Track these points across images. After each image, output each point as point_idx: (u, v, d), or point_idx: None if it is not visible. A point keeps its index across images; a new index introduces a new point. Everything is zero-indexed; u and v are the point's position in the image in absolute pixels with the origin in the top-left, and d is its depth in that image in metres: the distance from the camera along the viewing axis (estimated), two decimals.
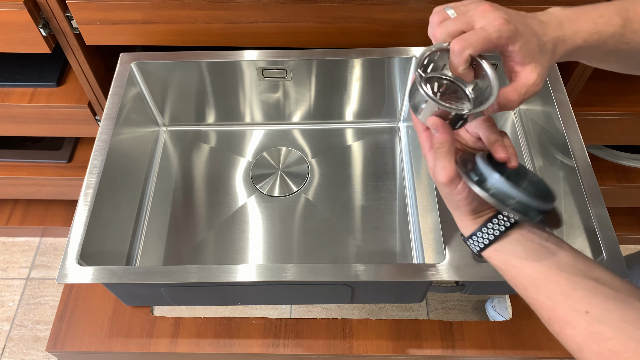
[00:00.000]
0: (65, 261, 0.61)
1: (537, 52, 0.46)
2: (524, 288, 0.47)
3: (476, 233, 0.49)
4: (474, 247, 0.49)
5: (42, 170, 1.20)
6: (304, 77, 0.82)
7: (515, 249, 0.48)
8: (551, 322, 0.46)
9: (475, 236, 0.49)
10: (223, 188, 0.86)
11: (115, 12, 0.76)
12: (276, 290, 0.69)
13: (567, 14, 0.48)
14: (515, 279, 0.48)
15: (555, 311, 0.45)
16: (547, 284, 0.45)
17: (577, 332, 0.43)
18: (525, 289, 0.47)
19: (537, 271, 0.46)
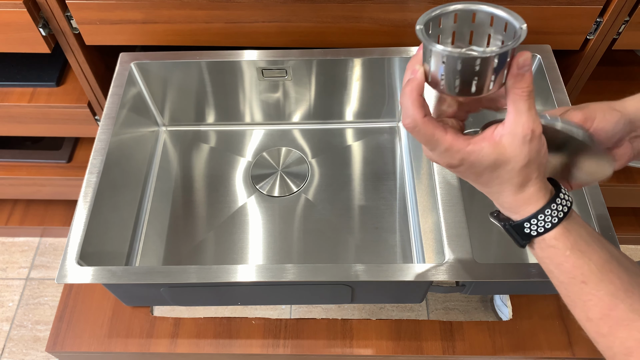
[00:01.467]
0: (65, 261, 0.61)
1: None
2: (584, 280, 0.41)
3: (549, 206, 0.41)
4: (539, 228, 0.42)
5: (42, 170, 1.20)
6: (304, 77, 0.82)
7: (582, 233, 0.42)
8: (601, 322, 0.40)
9: (549, 210, 0.41)
10: (223, 188, 0.86)
11: (115, 12, 0.76)
12: (276, 290, 0.69)
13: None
14: (577, 269, 0.41)
15: (614, 310, 0.39)
16: (611, 277, 0.40)
17: (631, 335, 0.39)
18: (584, 282, 0.41)
19: (602, 261, 0.41)
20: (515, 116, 0.40)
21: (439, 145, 0.41)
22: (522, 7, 0.74)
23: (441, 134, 0.41)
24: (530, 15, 0.75)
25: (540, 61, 0.77)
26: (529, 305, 0.76)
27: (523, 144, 0.40)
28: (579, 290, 0.41)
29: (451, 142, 0.41)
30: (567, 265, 0.41)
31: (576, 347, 0.72)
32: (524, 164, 0.40)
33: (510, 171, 0.41)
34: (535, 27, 0.77)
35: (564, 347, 0.72)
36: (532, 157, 0.40)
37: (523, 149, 0.40)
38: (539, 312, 0.75)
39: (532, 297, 0.76)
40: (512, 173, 0.41)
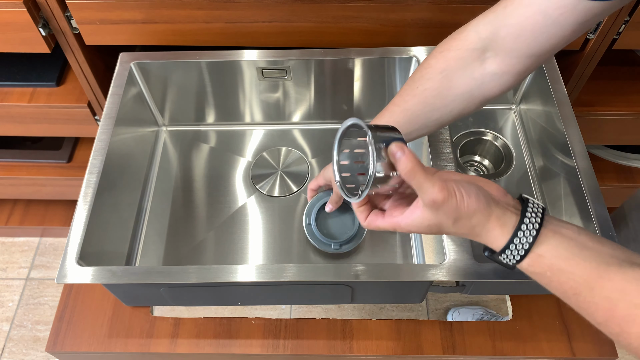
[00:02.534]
0: (65, 261, 0.61)
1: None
2: (575, 293, 0.42)
3: (513, 240, 0.44)
4: (511, 259, 0.45)
5: (42, 170, 1.20)
6: (304, 77, 0.82)
7: (558, 251, 0.43)
8: (609, 324, 0.41)
9: (513, 244, 0.44)
10: (223, 188, 0.86)
11: (115, 12, 0.76)
12: (276, 290, 0.69)
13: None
14: (564, 285, 0.43)
15: (614, 311, 0.40)
16: (601, 282, 0.41)
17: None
18: (576, 294, 0.42)
19: (587, 271, 0.42)
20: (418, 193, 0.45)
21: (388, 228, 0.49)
22: None
23: (382, 222, 0.49)
24: None
25: None
26: (529, 305, 0.76)
27: (436, 213, 0.45)
28: (576, 302, 0.43)
29: (393, 223, 0.48)
30: (554, 284, 0.43)
31: (576, 347, 0.72)
32: (452, 222, 0.45)
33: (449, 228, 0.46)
34: None
35: (564, 347, 0.72)
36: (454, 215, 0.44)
37: (439, 215, 0.45)
38: (539, 312, 0.75)
39: (532, 297, 0.76)
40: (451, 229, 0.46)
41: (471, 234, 0.46)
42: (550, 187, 0.78)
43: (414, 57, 0.79)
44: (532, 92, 0.85)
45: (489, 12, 0.55)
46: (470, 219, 0.45)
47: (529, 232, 0.44)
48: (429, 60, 0.59)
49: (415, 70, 0.60)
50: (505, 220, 0.45)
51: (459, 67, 0.56)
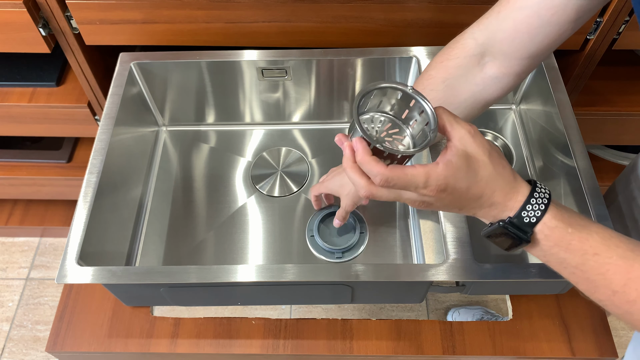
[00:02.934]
0: (65, 261, 0.61)
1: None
2: (595, 252, 0.42)
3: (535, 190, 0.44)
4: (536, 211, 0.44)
5: (42, 170, 1.20)
6: (304, 77, 0.82)
7: (570, 210, 0.44)
8: (627, 288, 0.41)
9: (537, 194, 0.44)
10: (223, 188, 0.86)
11: (115, 12, 0.76)
12: (276, 290, 0.69)
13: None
14: (585, 242, 0.43)
15: (632, 271, 0.41)
16: (616, 242, 0.42)
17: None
18: (596, 253, 0.42)
19: (601, 230, 0.43)
20: (449, 125, 0.45)
21: (418, 179, 0.43)
22: None
23: (412, 169, 0.43)
24: None
25: None
26: (529, 305, 0.76)
27: (473, 138, 0.44)
28: (594, 264, 0.42)
29: (426, 171, 0.43)
30: (575, 242, 0.43)
31: (576, 347, 0.72)
32: (488, 153, 0.44)
33: (484, 166, 0.44)
34: None
35: (564, 347, 0.72)
36: (487, 146, 0.44)
37: (476, 142, 0.44)
38: (539, 312, 0.75)
39: (532, 297, 0.76)
40: (487, 167, 0.44)
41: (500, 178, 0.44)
42: (550, 187, 0.78)
43: (414, 57, 0.79)
44: (532, 92, 0.85)
45: (484, 18, 0.56)
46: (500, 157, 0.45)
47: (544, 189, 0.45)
48: (429, 71, 0.59)
49: (416, 82, 0.60)
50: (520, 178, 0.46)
51: (460, 74, 0.57)
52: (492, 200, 0.45)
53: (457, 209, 0.47)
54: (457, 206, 0.46)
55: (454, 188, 0.44)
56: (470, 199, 0.45)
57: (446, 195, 0.44)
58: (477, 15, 0.57)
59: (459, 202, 0.45)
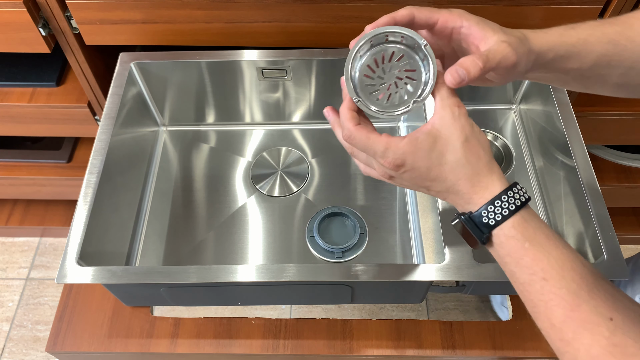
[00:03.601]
0: (65, 261, 0.61)
1: (500, 29, 0.44)
2: (544, 277, 0.39)
3: (507, 192, 0.41)
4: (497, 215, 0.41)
5: (42, 170, 1.20)
6: (304, 77, 0.82)
7: (541, 226, 0.41)
8: (565, 325, 0.38)
9: (506, 196, 0.41)
10: (223, 188, 0.86)
11: (115, 12, 0.76)
12: (276, 290, 0.69)
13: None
14: (537, 263, 0.40)
15: (576, 311, 0.37)
16: (572, 275, 0.38)
17: (596, 341, 0.36)
18: (545, 279, 0.39)
19: (563, 257, 0.39)
20: (439, 101, 0.43)
21: (377, 146, 0.43)
22: (522, 7, 0.74)
23: (376, 136, 0.43)
24: (531, 15, 0.75)
25: None
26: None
27: (454, 120, 0.42)
28: (540, 289, 0.39)
29: (387, 141, 0.43)
30: (527, 260, 0.40)
31: None
32: (463, 139, 0.42)
33: (454, 151, 0.42)
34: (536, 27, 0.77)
35: None
36: (468, 133, 0.42)
37: (456, 125, 0.42)
38: None
39: None
40: (456, 153, 0.42)
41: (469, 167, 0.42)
42: (550, 187, 0.78)
43: None
44: (532, 92, 0.85)
45: None
46: (480, 147, 0.42)
47: (521, 193, 0.42)
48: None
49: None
50: (501, 175, 0.43)
51: None
52: (457, 189, 0.43)
53: (423, 188, 0.45)
54: (420, 185, 0.45)
55: (412, 166, 0.43)
56: (432, 180, 0.43)
57: (404, 171, 0.44)
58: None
59: (421, 181, 0.44)
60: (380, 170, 0.46)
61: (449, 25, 0.46)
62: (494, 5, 0.73)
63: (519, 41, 0.44)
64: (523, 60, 0.44)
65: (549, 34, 0.46)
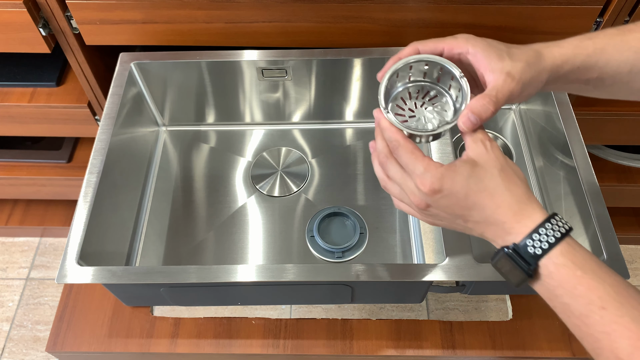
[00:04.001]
0: (65, 261, 0.61)
1: (507, 55, 0.45)
2: (603, 305, 0.37)
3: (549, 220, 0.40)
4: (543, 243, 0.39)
5: (42, 170, 1.20)
6: (304, 77, 0.82)
7: (588, 252, 0.39)
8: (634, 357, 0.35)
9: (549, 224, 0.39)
10: (223, 188, 0.86)
11: (115, 12, 0.76)
12: (276, 290, 0.69)
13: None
14: (593, 291, 0.37)
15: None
16: (631, 302, 0.36)
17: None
18: (603, 307, 0.37)
19: (616, 283, 0.37)
20: (469, 137, 0.44)
21: (418, 164, 0.43)
22: (522, 7, 0.74)
23: (420, 153, 0.44)
24: (530, 15, 0.75)
25: None
26: (529, 305, 0.76)
27: (487, 151, 0.43)
28: (600, 320, 0.37)
29: (428, 162, 0.43)
30: (582, 289, 0.38)
31: (576, 347, 0.72)
32: (499, 167, 0.42)
33: (492, 177, 0.42)
34: (535, 27, 0.77)
35: (564, 347, 0.72)
36: (502, 162, 0.43)
37: (490, 155, 0.43)
38: (539, 312, 0.75)
39: (532, 297, 0.76)
40: (495, 179, 0.42)
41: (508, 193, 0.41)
42: (550, 187, 0.78)
43: None
44: None
45: None
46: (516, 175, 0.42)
47: (564, 222, 0.40)
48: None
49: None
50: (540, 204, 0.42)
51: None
52: (497, 217, 0.42)
53: (460, 219, 0.44)
54: (457, 215, 0.44)
55: (450, 191, 0.42)
56: (470, 208, 0.42)
57: (441, 197, 0.43)
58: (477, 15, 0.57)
59: (458, 209, 0.43)
60: (416, 199, 0.44)
61: (455, 52, 0.47)
62: (494, 6, 0.74)
63: (526, 66, 0.44)
64: (533, 84, 0.45)
65: (563, 46, 0.46)
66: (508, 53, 0.45)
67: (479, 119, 0.43)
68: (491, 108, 0.43)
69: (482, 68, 0.45)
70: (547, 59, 0.46)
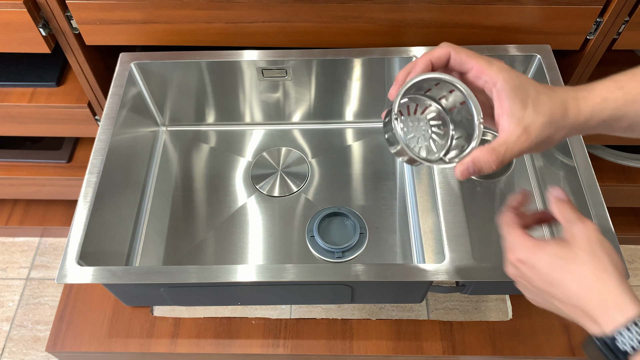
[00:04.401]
0: (65, 261, 0.61)
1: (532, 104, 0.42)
2: None
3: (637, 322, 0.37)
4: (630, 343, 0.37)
5: (42, 170, 1.20)
6: (304, 77, 0.82)
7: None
8: None
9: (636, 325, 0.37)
10: (223, 188, 0.86)
11: (115, 12, 0.76)
12: (276, 290, 0.69)
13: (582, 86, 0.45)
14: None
15: None
16: None
17: None
18: None
19: None
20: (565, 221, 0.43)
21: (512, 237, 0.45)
22: (523, 7, 0.74)
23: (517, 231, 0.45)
24: (530, 15, 0.75)
25: (540, 61, 0.77)
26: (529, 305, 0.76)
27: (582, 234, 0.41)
28: None
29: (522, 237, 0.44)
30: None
31: (576, 348, 0.72)
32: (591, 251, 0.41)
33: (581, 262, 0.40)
34: (535, 27, 0.77)
35: (564, 347, 0.72)
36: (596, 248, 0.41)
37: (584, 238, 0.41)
38: (539, 312, 0.75)
39: None
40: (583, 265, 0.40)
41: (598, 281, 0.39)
42: None
43: (414, 57, 0.79)
44: None
45: None
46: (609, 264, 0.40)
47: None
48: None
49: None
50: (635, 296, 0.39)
51: None
52: (583, 303, 0.40)
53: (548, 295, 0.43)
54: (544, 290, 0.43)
55: (532, 264, 0.43)
56: (551, 284, 0.42)
57: (526, 269, 0.43)
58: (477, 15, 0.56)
59: (542, 284, 0.43)
60: (507, 268, 0.46)
61: (483, 78, 0.45)
62: (494, 5, 0.74)
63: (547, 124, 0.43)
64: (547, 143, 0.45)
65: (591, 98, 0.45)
66: (534, 101, 0.43)
67: (477, 172, 0.43)
68: (494, 167, 0.42)
69: (502, 108, 0.43)
70: (570, 116, 0.44)
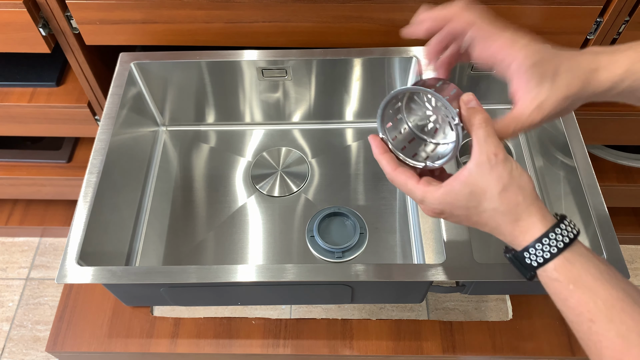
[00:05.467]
0: (65, 261, 0.61)
1: (551, 79, 0.43)
2: (591, 319, 0.38)
3: (548, 234, 0.40)
4: (539, 257, 0.41)
5: (42, 170, 1.20)
6: (304, 77, 0.82)
7: (588, 265, 0.40)
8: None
9: (547, 238, 0.40)
10: (223, 188, 0.86)
11: (115, 12, 0.76)
12: (276, 290, 0.69)
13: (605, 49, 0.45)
14: (582, 305, 0.39)
15: (627, 354, 0.36)
16: (622, 317, 0.37)
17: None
18: (592, 320, 0.38)
19: (611, 298, 0.38)
20: (477, 146, 0.42)
21: (415, 193, 0.45)
22: (523, 6, 0.74)
23: (413, 183, 0.45)
24: (531, 14, 0.75)
25: None
26: (529, 305, 0.76)
27: (490, 169, 0.41)
28: (587, 330, 0.39)
29: (424, 190, 0.44)
30: (572, 301, 0.39)
31: (576, 348, 0.72)
32: (500, 189, 0.41)
33: (491, 200, 0.42)
34: (535, 27, 0.77)
35: (564, 347, 0.72)
36: (505, 182, 0.41)
37: (493, 174, 0.41)
38: (539, 312, 0.75)
39: (532, 297, 0.76)
40: (494, 202, 0.42)
41: (508, 214, 0.42)
42: (550, 187, 0.78)
43: (414, 57, 0.79)
44: None
45: None
46: (519, 193, 0.41)
47: (567, 232, 0.41)
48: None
49: None
50: (546, 213, 0.42)
51: None
52: (500, 231, 0.44)
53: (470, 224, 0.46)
54: (464, 223, 0.46)
55: (450, 213, 0.44)
56: (474, 223, 0.45)
57: (445, 217, 0.46)
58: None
59: (464, 222, 0.45)
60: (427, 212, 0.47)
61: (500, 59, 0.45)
62: (494, 5, 0.74)
63: (563, 99, 0.43)
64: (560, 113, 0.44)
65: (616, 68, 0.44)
66: (554, 75, 0.43)
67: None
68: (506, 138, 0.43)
69: (519, 83, 0.43)
70: (589, 89, 0.44)
